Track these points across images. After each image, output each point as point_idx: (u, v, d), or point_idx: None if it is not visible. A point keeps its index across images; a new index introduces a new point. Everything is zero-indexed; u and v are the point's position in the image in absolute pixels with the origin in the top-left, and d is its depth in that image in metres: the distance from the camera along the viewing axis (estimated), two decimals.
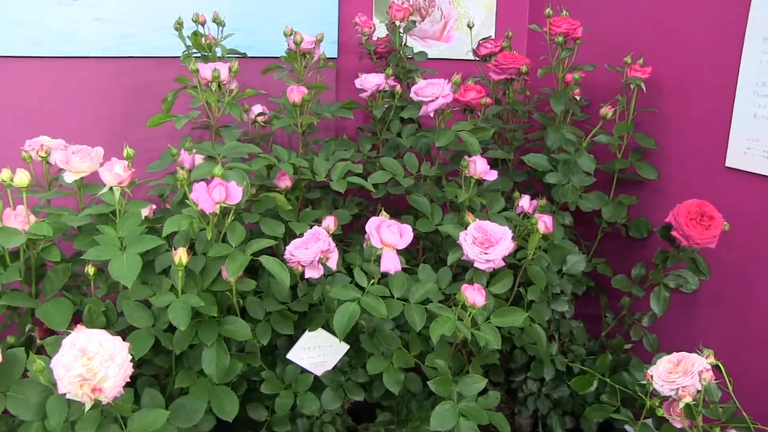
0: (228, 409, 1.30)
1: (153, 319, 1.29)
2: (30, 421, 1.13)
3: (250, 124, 1.69)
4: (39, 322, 1.33)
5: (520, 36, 2.18)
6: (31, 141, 1.48)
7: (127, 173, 1.30)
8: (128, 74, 1.83)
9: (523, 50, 2.21)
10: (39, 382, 1.12)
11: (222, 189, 1.22)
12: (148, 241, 1.25)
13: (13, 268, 1.27)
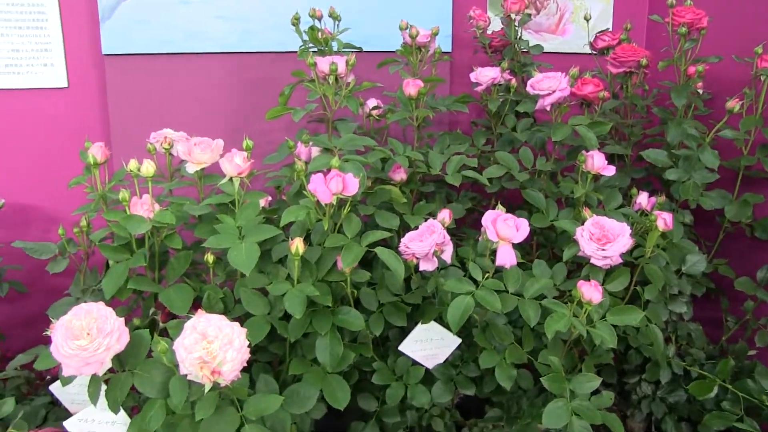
0: (340, 397, 1.29)
1: (269, 307, 1.28)
2: (154, 399, 1.14)
3: (365, 117, 1.67)
4: (161, 306, 1.35)
5: (639, 28, 2.07)
6: (155, 133, 1.51)
7: (246, 164, 1.30)
8: (247, 69, 1.85)
9: (642, 42, 2.11)
10: (162, 363, 1.13)
11: (339, 180, 1.21)
12: (266, 231, 1.25)
13: (139, 254, 1.29)
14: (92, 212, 1.39)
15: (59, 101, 1.85)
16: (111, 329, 1.09)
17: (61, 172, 1.86)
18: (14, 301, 1.85)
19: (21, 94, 1.83)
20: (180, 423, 1.16)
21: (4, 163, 1.84)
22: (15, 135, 1.84)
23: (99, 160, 1.36)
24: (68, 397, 1.37)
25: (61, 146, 1.86)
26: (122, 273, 1.27)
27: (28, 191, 1.86)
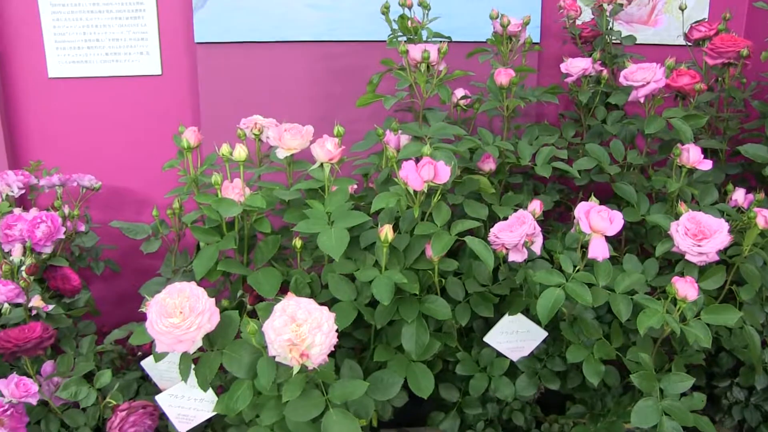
0: (424, 386, 1.26)
1: (356, 293, 1.27)
2: (242, 379, 1.15)
3: (452, 107, 1.63)
4: (249, 288, 1.35)
5: (737, 17, 1.97)
6: (246, 119, 1.51)
7: (337, 150, 1.28)
8: (335, 58, 1.84)
9: (740, 32, 2.00)
10: (251, 344, 1.13)
11: (431, 168, 1.18)
12: (355, 217, 1.23)
13: (229, 237, 1.29)
14: (184, 195, 1.40)
15: (153, 88, 1.88)
16: (203, 309, 1.09)
17: (153, 157, 1.89)
18: (108, 279, 1.89)
19: (119, 81, 1.87)
20: (265, 404, 1.15)
21: (102, 147, 1.88)
22: (112, 120, 1.88)
23: (192, 144, 1.36)
24: (158, 373, 1.39)
25: (154, 132, 1.89)
26: (212, 255, 1.27)
27: (122, 174, 1.89)
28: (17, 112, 1.87)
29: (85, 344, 1.40)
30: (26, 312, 1.33)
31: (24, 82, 1.86)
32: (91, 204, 1.83)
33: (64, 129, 1.88)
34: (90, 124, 1.88)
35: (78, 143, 1.88)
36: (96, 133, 1.89)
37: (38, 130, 1.88)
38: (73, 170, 1.75)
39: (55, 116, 1.88)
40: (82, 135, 1.88)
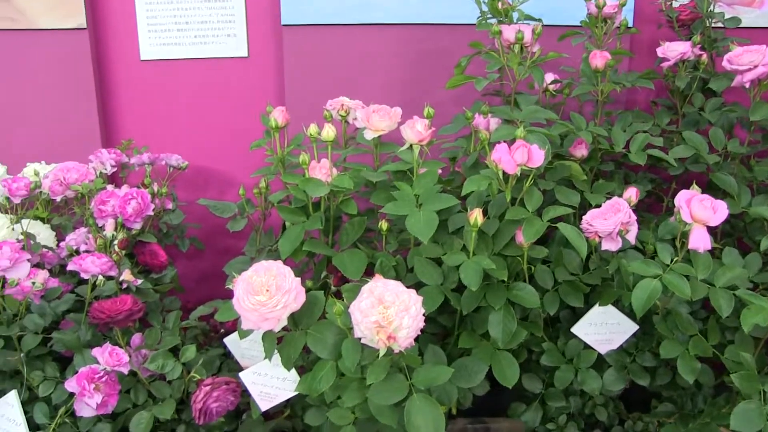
0: (509, 375, 1.22)
1: (442, 278, 1.23)
2: (325, 360, 1.13)
3: (541, 92, 1.58)
4: (334, 269, 1.33)
5: None
6: (332, 101, 1.49)
7: (427, 132, 1.25)
8: (420, 41, 1.80)
9: None
10: (335, 325, 1.11)
11: (524, 151, 1.13)
12: (444, 200, 1.20)
13: (316, 217, 1.28)
14: (271, 175, 1.39)
15: (240, 70, 1.88)
16: (289, 287, 1.08)
17: (238, 138, 1.89)
18: (190, 258, 1.91)
19: (207, 63, 1.87)
20: (348, 386, 1.13)
21: (188, 127, 1.90)
22: (199, 102, 1.89)
23: (280, 123, 1.35)
24: (239, 351, 1.38)
25: (240, 113, 1.89)
26: (298, 235, 1.26)
27: (207, 155, 1.91)
28: (111, 93, 1.90)
29: (171, 319, 1.40)
30: (117, 285, 1.35)
31: (118, 65, 1.89)
32: (177, 183, 1.85)
33: (153, 109, 1.90)
34: (178, 105, 1.90)
35: (166, 123, 1.90)
36: (183, 113, 1.90)
37: (130, 111, 1.91)
38: (161, 150, 1.77)
39: (145, 97, 1.90)
40: (171, 115, 1.90)
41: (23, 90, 1.87)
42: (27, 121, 1.90)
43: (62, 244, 1.48)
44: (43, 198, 1.56)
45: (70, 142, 1.87)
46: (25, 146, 1.88)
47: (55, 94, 1.87)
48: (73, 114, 1.87)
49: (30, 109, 1.89)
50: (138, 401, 1.33)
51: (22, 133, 1.90)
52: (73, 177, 1.52)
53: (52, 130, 1.88)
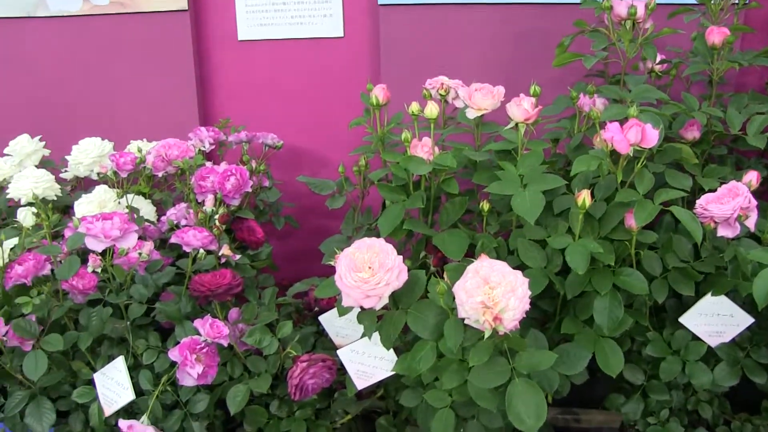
0: (612, 363, 1.17)
1: (545, 261, 1.19)
2: (425, 340, 1.11)
3: (646, 73, 1.51)
4: (432, 250, 1.31)
5: None
6: (431, 80, 1.46)
7: (534, 110, 1.20)
8: (517, 21, 1.75)
9: None
10: (437, 305, 1.09)
11: (638, 130, 1.08)
12: (550, 181, 1.16)
13: (417, 196, 1.25)
14: (370, 153, 1.38)
15: (335, 50, 1.87)
16: (392, 265, 1.06)
17: (332, 118, 1.89)
18: (283, 237, 1.92)
19: (302, 43, 1.88)
20: (447, 367, 1.11)
21: (284, 107, 1.91)
22: (295, 82, 1.89)
23: (381, 101, 1.33)
24: (334, 329, 1.38)
25: (334, 93, 1.89)
26: (398, 213, 1.24)
27: (302, 134, 1.91)
28: (209, 73, 1.92)
29: (267, 295, 1.41)
30: (216, 259, 1.36)
31: (216, 45, 1.91)
32: (271, 162, 1.86)
33: (249, 89, 1.92)
34: (273, 84, 1.91)
35: (262, 103, 1.92)
36: (278, 93, 1.91)
37: (226, 90, 1.93)
38: (257, 129, 1.78)
39: (242, 77, 1.92)
40: (266, 95, 1.91)
41: (127, 70, 1.92)
42: (130, 100, 1.95)
43: (163, 218, 1.50)
44: (146, 174, 1.59)
45: (170, 121, 1.91)
46: (127, 124, 1.93)
47: (156, 74, 1.91)
48: (173, 93, 1.91)
49: (133, 88, 1.94)
50: (234, 374, 1.34)
51: (125, 111, 1.95)
52: (174, 153, 1.54)
53: (153, 108, 1.93)
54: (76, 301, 1.31)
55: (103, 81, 1.97)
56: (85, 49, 1.95)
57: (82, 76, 1.98)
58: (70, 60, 1.98)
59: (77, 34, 1.95)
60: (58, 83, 2.01)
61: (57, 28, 1.95)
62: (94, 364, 1.36)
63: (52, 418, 1.29)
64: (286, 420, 1.37)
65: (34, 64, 2.01)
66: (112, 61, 1.94)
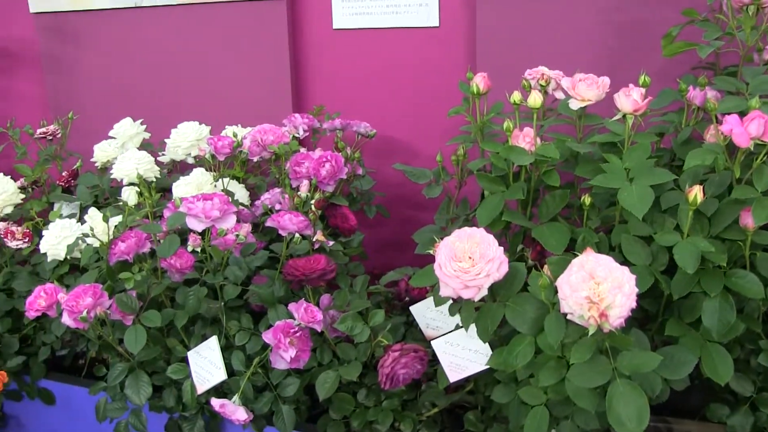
0: (721, 370, 1.10)
1: (650, 258, 1.13)
2: (523, 335, 1.08)
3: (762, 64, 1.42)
4: (530, 242, 1.27)
5: None
6: (530, 70, 1.42)
7: (643, 101, 1.15)
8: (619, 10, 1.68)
9: None
10: (536, 298, 1.06)
11: (760, 123, 1.01)
12: (659, 175, 1.10)
13: (517, 187, 1.22)
14: (468, 143, 1.35)
15: (430, 40, 1.85)
16: (493, 256, 1.04)
17: (425, 108, 1.87)
18: (372, 226, 1.91)
19: (397, 32, 1.86)
20: (545, 364, 1.08)
21: (377, 96, 1.90)
22: (388, 71, 1.88)
23: (482, 89, 1.30)
24: (425, 320, 1.36)
25: (428, 83, 1.86)
26: (497, 204, 1.21)
27: (394, 124, 1.90)
28: (304, 60, 1.93)
29: (359, 283, 1.40)
30: (310, 244, 1.36)
31: (311, 33, 1.92)
32: (363, 150, 1.85)
33: (342, 77, 1.92)
34: (366, 73, 1.90)
35: (354, 91, 1.92)
36: (371, 82, 1.90)
37: (320, 78, 1.94)
38: (350, 117, 1.78)
39: (336, 65, 1.92)
40: (359, 84, 1.91)
41: (224, 58, 1.96)
42: (225, 87, 1.98)
43: (257, 202, 1.51)
44: (241, 158, 1.61)
45: (263, 107, 1.93)
46: (222, 110, 1.96)
47: (252, 62, 1.93)
48: (267, 80, 1.93)
49: (229, 75, 1.97)
50: (323, 361, 1.34)
51: (221, 97, 1.98)
52: (270, 139, 1.55)
53: (248, 95, 1.95)
54: (173, 280, 1.34)
55: (201, 68, 2.01)
56: (185, 37, 2.00)
57: (181, 63, 2.02)
58: (170, 47, 2.03)
59: (178, 22, 1.99)
60: (158, 70, 2.06)
61: (159, 16, 2.01)
62: (188, 342, 1.38)
63: (148, 391, 1.32)
64: (373, 409, 1.36)
65: (138, 51, 2.07)
66: (209, 48, 1.97)
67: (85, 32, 2.14)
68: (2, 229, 1.67)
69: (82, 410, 1.65)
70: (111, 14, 2.08)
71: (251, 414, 1.26)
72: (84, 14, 2.11)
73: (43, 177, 1.83)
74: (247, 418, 1.23)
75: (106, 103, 2.15)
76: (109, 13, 2.08)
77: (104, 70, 2.15)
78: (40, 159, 1.84)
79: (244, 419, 1.23)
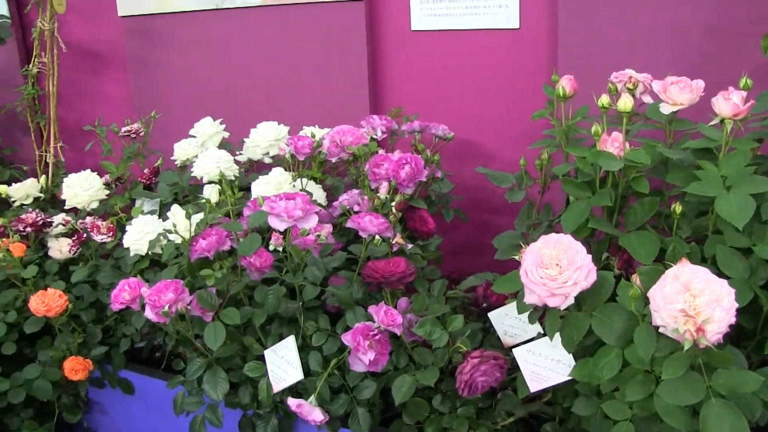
0: None
1: (749, 272, 1.07)
2: (610, 346, 1.03)
3: None
4: (616, 251, 1.22)
5: None
6: (617, 73, 1.37)
7: (744, 105, 1.09)
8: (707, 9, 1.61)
9: None
10: (625, 309, 1.01)
11: None
12: (760, 183, 1.04)
13: (604, 193, 1.17)
14: (552, 147, 1.30)
15: (509, 42, 1.81)
16: (581, 264, 1.00)
17: (503, 111, 1.83)
18: (447, 230, 1.88)
19: (475, 34, 1.83)
20: (632, 378, 1.03)
21: (455, 98, 1.87)
22: (466, 73, 1.85)
23: (568, 93, 1.26)
24: (503, 327, 1.33)
25: (507, 86, 1.82)
26: (583, 211, 1.17)
27: (471, 126, 1.86)
28: (382, 61, 1.92)
29: (437, 287, 1.38)
30: (389, 247, 1.34)
31: (389, 35, 1.90)
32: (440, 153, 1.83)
33: (420, 79, 1.90)
34: (444, 75, 1.88)
35: (431, 94, 1.89)
36: (449, 84, 1.87)
37: (397, 79, 1.92)
38: (427, 119, 1.75)
39: (413, 67, 1.90)
40: (436, 86, 1.88)
41: (302, 58, 1.96)
42: (302, 87, 1.99)
43: (335, 203, 1.50)
44: (319, 159, 1.60)
45: (340, 108, 1.92)
46: (299, 111, 1.96)
47: (330, 63, 1.93)
48: (345, 81, 1.92)
49: (306, 76, 1.97)
50: (399, 364, 1.32)
51: (298, 98, 1.99)
52: (349, 140, 1.54)
53: (325, 96, 1.95)
54: (252, 278, 1.34)
55: (279, 68, 2.02)
56: (264, 38, 2.01)
57: (259, 63, 2.04)
58: (249, 48, 2.04)
59: (257, 23, 2.01)
60: (237, 70, 2.08)
61: (240, 18, 2.02)
62: (264, 341, 1.38)
63: (226, 387, 1.33)
64: (448, 416, 1.32)
65: (218, 52, 2.10)
66: (288, 49, 1.98)
67: (168, 34, 2.17)
68: (89, 223, 1.70)
69: (159, 402, 1.67)
70: (193, 16, 2.10)
71: (327, 415, 1.24)
72: (167, 17, 2.15)
73: (126, 174, 1.87)
74: (324, 419, 1.22)
75: (186, 102, 2.18)
76: (191, 15, 2.11)
77: (185, 70, 2.18)
78: (124, 156, 1.87)
79: (321, 420, 1.21)
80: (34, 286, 1.65)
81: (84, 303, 1.71)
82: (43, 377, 1.62)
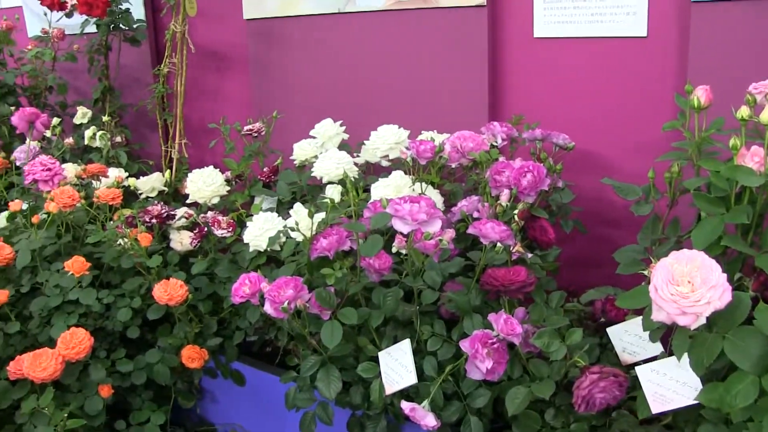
0: None
1: None
2: (744, 373, 0.99)
3: None
4: (750, 272, 1.18)
5: None
6: (757, 84, 1.31)
7: None
8: None
9: None
10: (762, 333, 0.97)
11: None
12: None
13: (740, 210, 1.13)
14: (683, 160, 1.27)
15: (636, 50, 1.76)
16: (715, 283, 0.97)
17: (627, 121, 1.79)
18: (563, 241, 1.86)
19: (600, 42, 1.79)
20: None
21: (576, 107, 1.84)
22: (590, 82, 1.82)
23: (703, 104, 1.23)
24: (622, 344, 1.31)
25: (631, 96, 1.78)
26: (716, 227, 1.13)
27: (593, 136, 1.83)
28: (502, 68, 1.92)
29: (555, 299, 1.37)
30: (508, 255, 1.34)
31: (511, 41, 1.90)
32: None
33: (540, 87, 1.88)
34: (565, 84, 1.85)
35: (552, 102, 1.87)
36: (571, 93, 1.85)
37: (517, 86, 1.91)
38: (547, 128, 1.73)
39: (534, 74, 1.89)
40: (557, 94, 1.86)
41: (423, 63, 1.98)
42: (423, 92, 2.01)
43: (453, 209, 1.51)
44: (439, 164, 1.62)
45: (458, 113, 1.93)
46: (418, 115, 1.99)
47: (451, 68, 1.94)
48: (465, 87, 1.93)
49: (427, 81, 1.99)
50: (513, 375, 1.31)
51: (417, 102, 2.01)
52: (470, 145, 1.55)
53: (444, 101, 1.96)
54: (370, 279, 1.37)
55: (399, 72, 2.05)
56: (385, 41, 2.05)
57: (380, 67, 2.08)
58: (368, 51, 2.08)
59: (380, 27, 2.04)
60: (356, 73, 2.13)
61: (362, 22, 2.07)
62: (378, 342, 1.40)
63: (338, 386, 1.36)
64: (561, 431, 1.31)
65: (338, 55, 2.15)
66: (409, 53, 2.01)
67: (290, 37, 2.25)
68: (210, 218, 1.78)
69: (268, 396, 1.73)
70: (315, 20, 2.17)
71: (439, 421, 1.25)
72: (290, 20, 2.22)
73: (246, 171, 1.95)
74: (436, 425, 1.23)
75: (306, 104, 2.24)
76: (314, 19, 2.17)
77: (306, 72, 2.25)
78: (246, 154, 1.95)
79: (434, 425, 1.23)
80: (157, 275, 1.74)
81: (202, 294, 1.79)
82: (163, 363, 1.71)
